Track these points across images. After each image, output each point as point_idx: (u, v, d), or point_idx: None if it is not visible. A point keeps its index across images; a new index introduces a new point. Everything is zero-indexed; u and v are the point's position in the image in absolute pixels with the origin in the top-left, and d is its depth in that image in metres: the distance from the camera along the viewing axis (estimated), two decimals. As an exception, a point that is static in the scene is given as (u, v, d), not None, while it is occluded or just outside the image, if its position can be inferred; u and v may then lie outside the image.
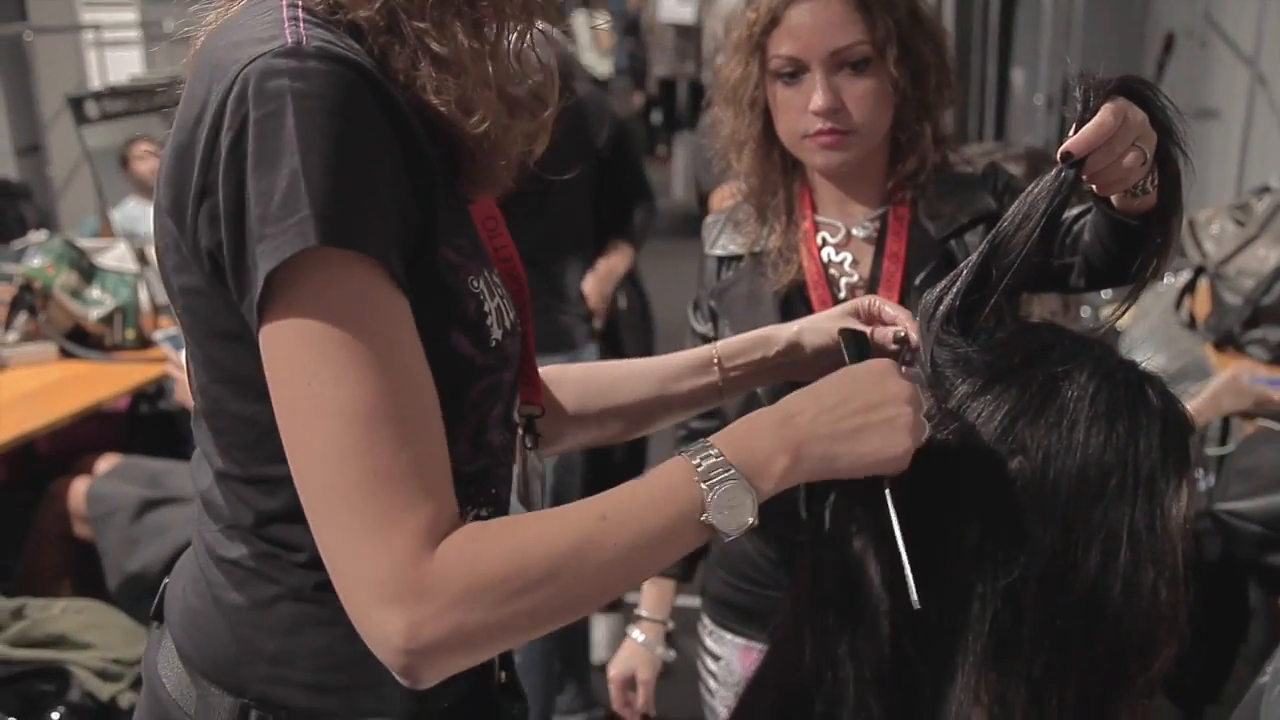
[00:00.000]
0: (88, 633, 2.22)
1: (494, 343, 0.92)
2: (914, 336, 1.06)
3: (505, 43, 0.91)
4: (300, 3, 0.85)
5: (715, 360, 1.16)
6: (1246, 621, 2.09)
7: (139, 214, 3.82)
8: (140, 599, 2.42)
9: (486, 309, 0.92)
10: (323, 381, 0.78)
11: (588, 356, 2.75)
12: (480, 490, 0.97)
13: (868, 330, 1.09)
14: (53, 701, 2.11)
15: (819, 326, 1.14)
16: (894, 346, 1.08)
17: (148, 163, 3.79)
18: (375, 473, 0.77)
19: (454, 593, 0.77)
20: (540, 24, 0.94)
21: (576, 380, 1.19)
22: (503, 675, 1.06)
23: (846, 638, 0.92)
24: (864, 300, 1.13)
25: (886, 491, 0.89)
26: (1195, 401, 2.24)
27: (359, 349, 0.78)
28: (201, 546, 0.97)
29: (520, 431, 1.10)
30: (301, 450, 0.80)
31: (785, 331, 1.16)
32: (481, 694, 1.03)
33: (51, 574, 2.62)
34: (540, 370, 1.18)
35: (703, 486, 0.83)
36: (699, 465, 0.84)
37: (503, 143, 0.91)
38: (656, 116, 9.93)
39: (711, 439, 0.86)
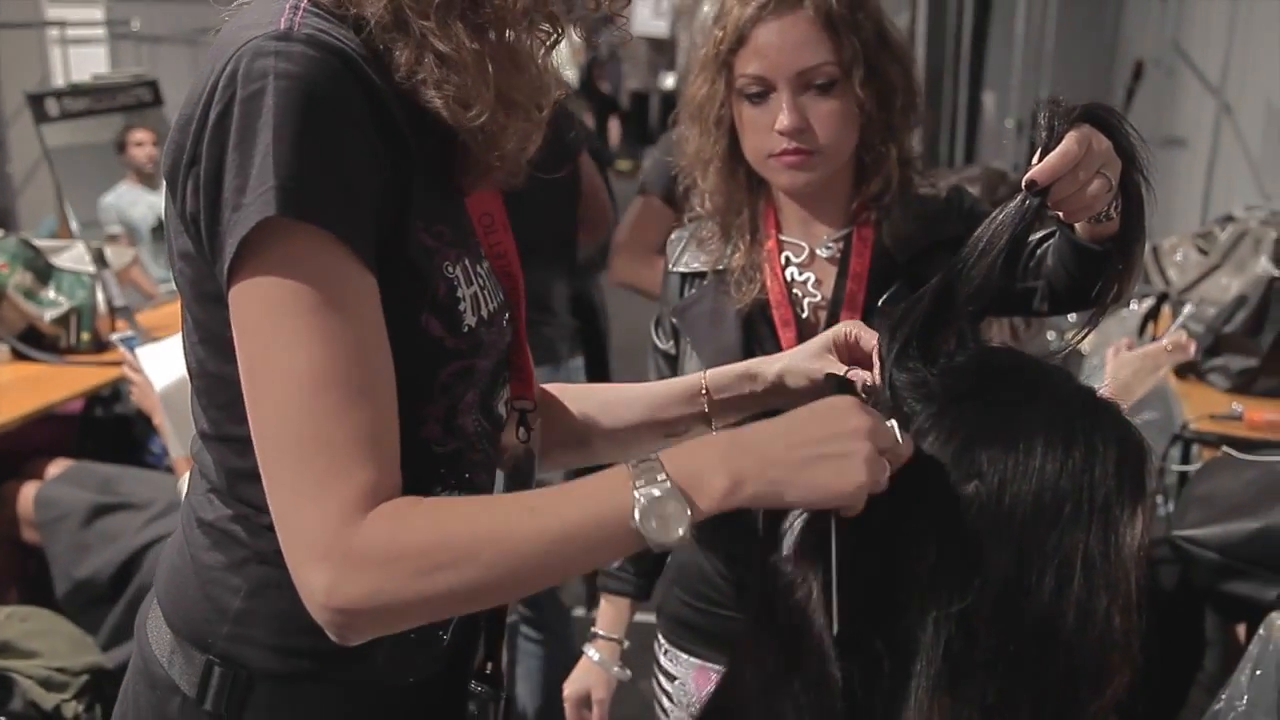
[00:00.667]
0: (32, 640, 2.18)
1: (466, 328, 0.95)
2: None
3: (506, 46, 0.95)
4: None
5: (704, 390, 1.17)
6: (1203, 648, 2.10)
7: (132, 198, 3.84)
8: (88, 606, 2.39)
9: (460, 294, 0.94)
10: (277, 347, 0.84)
11: (575, 367, 2.72)
12: (453, 473, 0.99)
13: (854, 380, 1.05)
14: (-6, 710, 2.07)
15: (799, 368, 1.15)
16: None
17: (145, 149, 3.82)
18: (316, 437, 0.83)
19: (374, 558, 0.81)
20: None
21: (571, 401, 1.21)
22: (488, 665, 1.08)
23: (793, 669, 0.91)
24: (840, 329, 1.13)
25: (833, 521, 0.88)
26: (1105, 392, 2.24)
27: (314, 318, 0.83)
28: (188, 509, 1.02)
29: (517, 425, 1.12)
30: (255, 410, 0.86)
31: (770, 368, 1.17)
32: (455, 677, 1.05)
33: (-2, 579, 2.58)
34: (541, 387, 1.20)
35: (635, 494, 0.84)
36: (638, 474, 0.85)
37: (498, 138, 0.95)
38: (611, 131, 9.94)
39: (658, 452, 0.87)
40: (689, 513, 0.84)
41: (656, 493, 0.83)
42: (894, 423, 0.89)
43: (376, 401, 0.85)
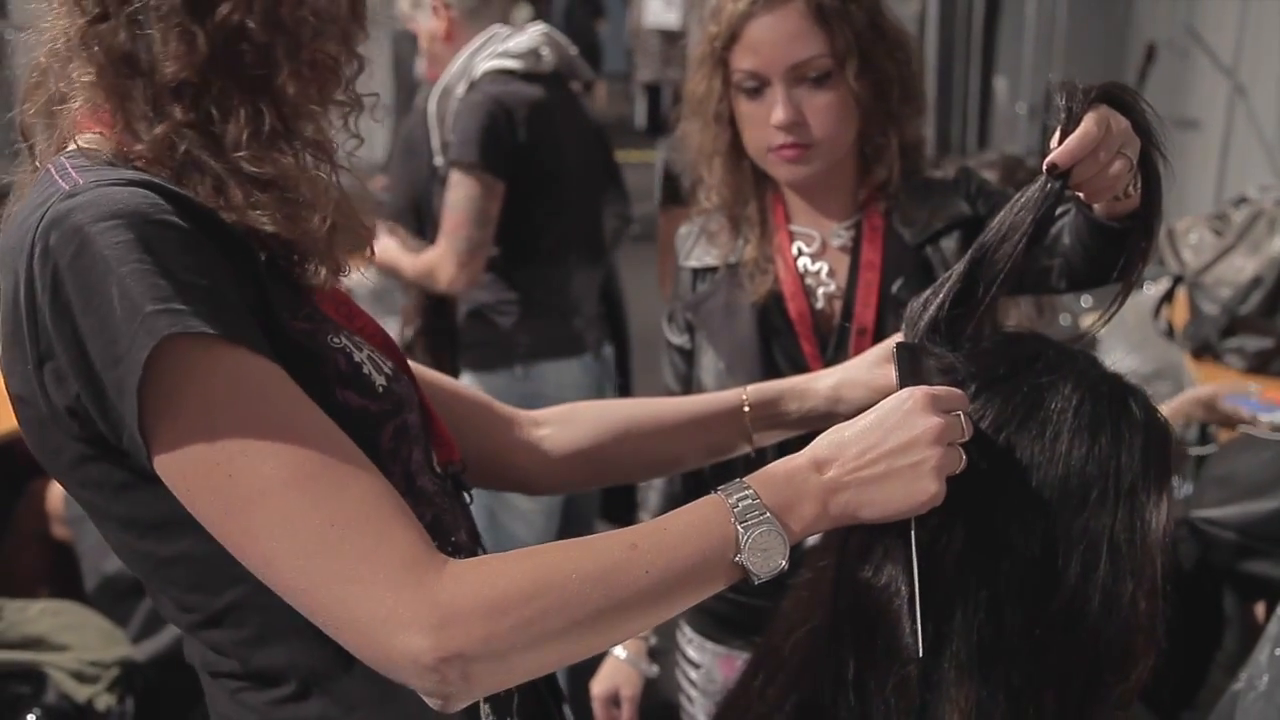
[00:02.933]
0: (65, 634, 2.21)
1: (381, 388, 0.92)
2: None
3: (319, 168, 0.92)
4: (67, 161, 0.85)
5: (745, 406, 1.15)
6: (1222, 628, 2.11)
7: None
8: (118, 600, 2.41)
9: (358, 359, 0.91)
10: (240, 468, 0.77)
11: (606, 357, 2.71)
12: (442, 541, 0.95)
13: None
14: (29, 703, 2.09)
15: (858, 378, 1.13)
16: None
17: None
18: (334, 523, 0.77)
19: (476, 606, 0.76)
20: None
21: (589, 414, 1.18)
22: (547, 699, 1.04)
23: (873, 671, 0.90)
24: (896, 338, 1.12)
25: (912, 533, 0.87)
26: (1164, 407, 2.25)
27: (258, 424, 0.78)
28: None
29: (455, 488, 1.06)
30: (253, 541, 0.79)
31: (821, 385, 1.15)
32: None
33: (29, 575, 2.61)
34: (547, 411, 1.16)
35: (738, 528, 0.83)
36: (735, 506, 0.84)
37: (328, 250, 0.92)
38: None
39: (747, 480, 0.86)
40: (786, 543, 0.84)
41: (758, 528, 0.83)
42: (960, 414, 0.88)
43: (360, 468, 0.80)
